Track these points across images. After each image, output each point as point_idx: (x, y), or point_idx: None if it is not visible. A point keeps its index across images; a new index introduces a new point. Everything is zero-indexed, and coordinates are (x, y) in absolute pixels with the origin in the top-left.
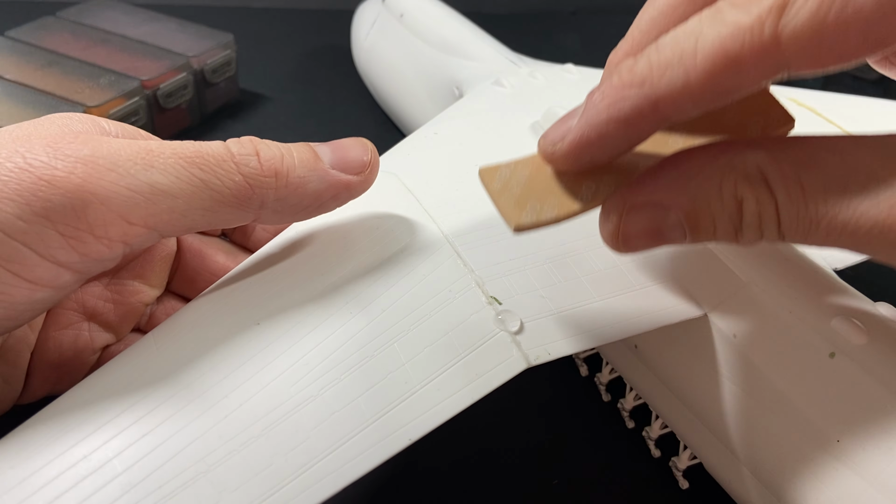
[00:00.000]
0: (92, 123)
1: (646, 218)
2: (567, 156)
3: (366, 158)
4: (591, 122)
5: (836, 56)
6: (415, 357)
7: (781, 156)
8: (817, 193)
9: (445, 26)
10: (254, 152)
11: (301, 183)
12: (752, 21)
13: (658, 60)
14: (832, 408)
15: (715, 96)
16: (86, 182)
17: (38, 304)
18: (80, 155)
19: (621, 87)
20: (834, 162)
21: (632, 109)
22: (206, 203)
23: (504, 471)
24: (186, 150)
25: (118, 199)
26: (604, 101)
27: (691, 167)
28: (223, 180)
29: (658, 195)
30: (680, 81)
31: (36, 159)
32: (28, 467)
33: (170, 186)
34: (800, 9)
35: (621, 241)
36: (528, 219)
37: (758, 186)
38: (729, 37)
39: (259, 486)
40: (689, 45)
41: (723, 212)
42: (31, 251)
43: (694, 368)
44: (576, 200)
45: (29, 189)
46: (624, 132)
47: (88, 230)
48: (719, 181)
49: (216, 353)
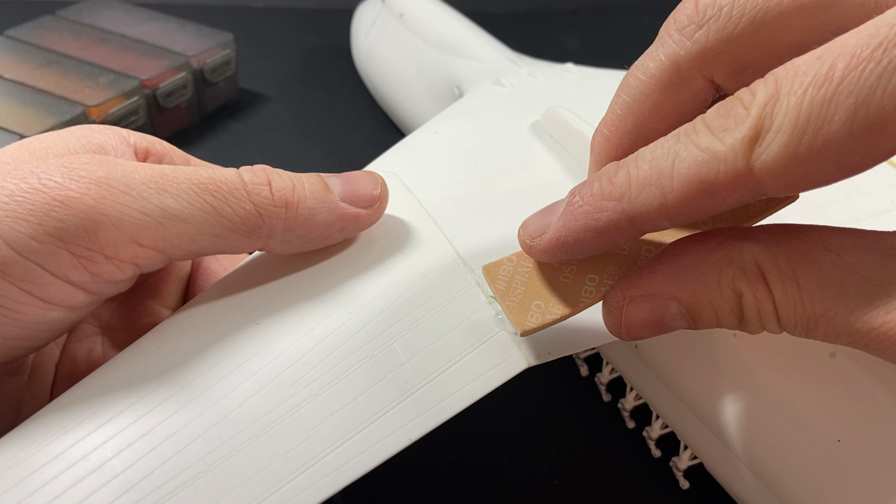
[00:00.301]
0: (113, 135)
1: (647, 310)
2: (544, 253)
3: (375, 192)
4: (569, 227)
5: (811, 183)
6: (415, 357)
7: (778, 250)
8: (813, 292)
9: (445, 26)
10: (266, 182)
11: (310, 214)
12: (725, 151)
13: (637, 177)
14: (833, 408)
15: (691, 216)
16: (99, 203)
17: (53, 325)
18: (95, 176)
19: (601, 198)
20: (830, 261)
21: (608, 222)
22: (216, 230)
23: (504, 470)
24: (200, 176)
25: (130, 222)
26: (582, 208)
27: (689, 260)
28: (234, 208)
29: (657, 287)
30: (657, 202)
31: (50, 179)
32: (27, 466)
33: (181, 211)
34: (771, 141)
35: (625, 332)
36: (533, 322)
37: (755, 282)
38: (704, 164)
39: (259, 486)
40: (666, 167)
41: (724, 305)
42: (43, 270)
43: (695, 368)
44: (579, 298)
45: (42, 209)
46: (599, 240)
47: (100, 250)
48: (717, 275)
49: (216, 353)
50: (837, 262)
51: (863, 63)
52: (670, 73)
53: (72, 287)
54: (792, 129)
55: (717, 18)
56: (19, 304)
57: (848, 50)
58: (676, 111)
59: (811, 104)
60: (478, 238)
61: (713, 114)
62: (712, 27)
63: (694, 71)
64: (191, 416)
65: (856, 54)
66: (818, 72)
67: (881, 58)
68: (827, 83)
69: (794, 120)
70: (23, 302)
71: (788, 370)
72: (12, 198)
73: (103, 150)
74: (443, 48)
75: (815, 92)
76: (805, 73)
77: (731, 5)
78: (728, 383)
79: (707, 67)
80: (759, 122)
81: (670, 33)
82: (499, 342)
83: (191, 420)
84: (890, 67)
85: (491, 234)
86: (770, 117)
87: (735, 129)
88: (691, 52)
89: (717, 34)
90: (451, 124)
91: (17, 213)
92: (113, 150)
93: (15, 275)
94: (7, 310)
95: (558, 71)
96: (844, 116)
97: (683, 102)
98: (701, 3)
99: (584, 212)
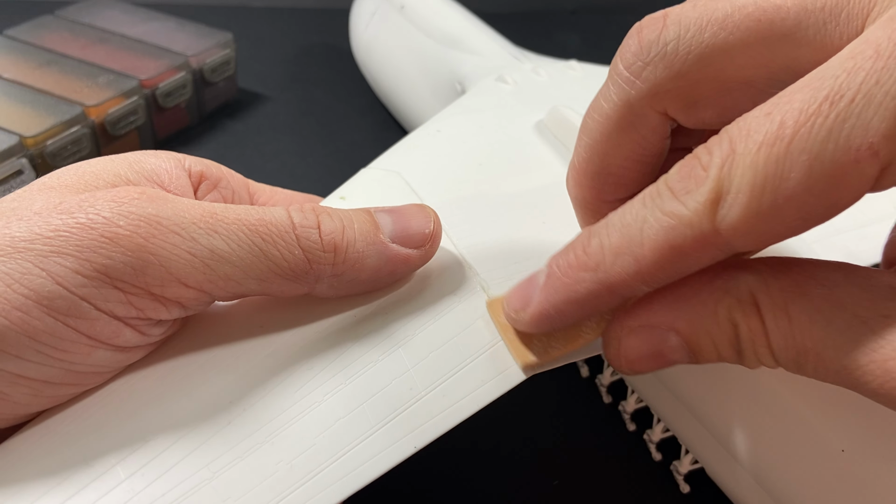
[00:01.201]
0: (167, 159)
1: (644, 341)
2: (529, 325)
3: (428, 231)
4: (551, 300)
5: (779, 237)
6: (419, 363)
7: (773, 282)
8: (804, 325)
9: (447, 19)
10: (315, 224)
11: (359, 258)
12: (690, 215)
13: (609, 245)
14: (837, 417)
15: (668, 279)
16: (148, 242)
17: (97, 367)
18: (145, 213)
19: (577, 269)
20: (821, 295)
21: (587, 293)
22: (263, 273)
23: (504, 471)
24: (250, 217)
25: (178, 262)
26: (561, 280)
27: (687, 290)
28: (283, 252)
29: (655, 318)
30: (632, 269)
31: (98, 215)
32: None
33: (229, 254)
34: (733, 202)
35: (625, 365)
36: (536, 357)
37: (749, 312)
38: (671, 229)
39: (263, 494)
40: (636, 234)
41: (721, 336)
42: (89, 305)
43: (697, 373)
44: (580, 332)
45: (90, 246)
46: (582, 310)
47: (146, 287)
48: (714, 305)
49: (220, 360)
50: (828, 296)
51: (811, 118)
52: (624, 113)
53: (118, 323)
54: (751, 190)
55: (662, 56)
56: (64, 342)
57: (796, 106)
58: (638, 146)
59: (766, 163)
60: (482, 241)
61: (675, 175)
62: (658, 65)
63: (647, 108)
64: (195, 422)
65: (803, 110)
66: (769, 130)
67: (829, 111)
68: (779, 141)
69: (752, 180)
70: (68, 339)
71: (792, 378)
72: (58, 233)
73: (157, 175)
74: (445, 42)
75: (769, 151)
76: (756, 132)
77: (677, 42)
78: (731, 390)
79: (659, 103)
80: (718, 184)
81: (619, 72)
82: (504, 348)
83: (195, 427)
84: (839, 120)
85: (496, 237)
86: (728, 178)
87: (696, 191)
88: (641, 90)
89: (665, 71)
90: (454, 122)
91: (64, 249)
92: (167, 174)
93: (60, 310)
94: (52, 348)
95: (561, 68)
96: (801, 173)
97: (643, 137)
98: (645, 39)
99: (564, 284)
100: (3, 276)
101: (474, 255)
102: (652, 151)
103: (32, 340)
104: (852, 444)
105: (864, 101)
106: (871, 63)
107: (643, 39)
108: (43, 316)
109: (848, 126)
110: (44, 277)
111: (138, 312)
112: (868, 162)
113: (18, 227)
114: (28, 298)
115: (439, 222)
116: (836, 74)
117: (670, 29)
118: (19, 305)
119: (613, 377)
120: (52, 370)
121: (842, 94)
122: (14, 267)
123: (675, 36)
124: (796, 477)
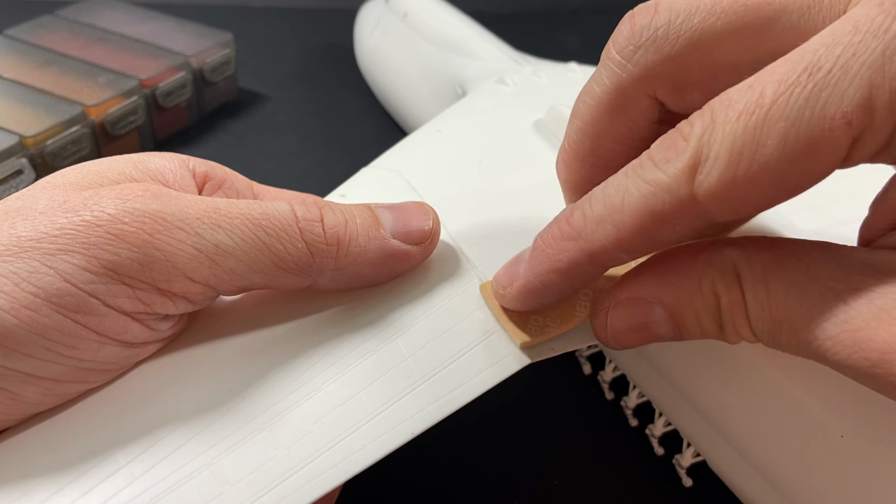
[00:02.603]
0: (171, 159)
1: (631, 313)
2: (515, 300)
3: (427, 227)
4: (535, 271)
5: (754, 206)
6: (417, 352)
7: (755, 256)
8: (779, 296)
9: (449, 25)
10: (318, 218)
11: (361, 252)
12: (669, 181)
13: (591, 215)
14: (835, 403)
15: (647, 247)
16: (153, 239)
17: (105, 365)
18: (149, 209)
19: (560, 239)
20: (797, 269)
21: (570, 262)
22: (267, 267)
23: (504, 469)
24: (253, 211)
25: (184, 258)
26: (545, 252)
27: (674, 264)
28: (286, 246)
29: (642, 291)
30: (613, 237)
31: (103, 212)
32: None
33: (234, 248)
34: (711, 168)
35: (611, 336)
36: (532, 337)
37: (731, 284)
38: (650, 195)
39: (262, 479)
40: (617, 202)
41: (705, 309)
42: (97, 301)
43: (697, 365)
44: (574, 312)
45: (96, 242)
46: (566, 280)
47: (152, 282)
48: (699, 278)
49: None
50: (805, 270)
51: (790, 88)
52: (615, 96)
53: (126, 318)
54: (728, 156)
55: (653, 40)
56: (73, 339)
57: (776, 77)
58: (627, 130)
59: (745, 130)
60: (480, 235)
61: (656, 147)
62: (650, 48)
63: (637, 91)
64: (195, 409)
65: (783, 80)
66: (749, 99)
67: (806, 82)
68: (758, 109)
69: (731, 147)
70: (77, 336)
71: (790, 366)
72: (64, 231)
73: (161, 174)
74: (446, 48)
75: (748, 119)
76: (737, 102)
77: (667, 26)
78: (730, 380)
79: (649, 87)
80: (697, 152)
81: (611, 56)
82: (501, 338)
83: (195, 413)
84: (815, 90)
85: (493, 231)
86: (708, 146)
87: (676, 159)
88: (633, 73)
89: (655, 55)
90: (454, 122)
91: (70, 246)
92: (171, 173)
93: (69, 307)
94: (61, 346)
95: (561, 70)
96: (777, 140)
97: (632, 120)
98: (637, 24)
99: (547, 255)
100: (11, 276)
101: (472, 248)
102: (640, 135)
103: (42, 338)
104: (851, 430)
105: (840, 71)
106: (850, 38)
107: (635, 25)
108: (52, 313)
109: (825, 95)
110: (52, 275)
111: (145, 308)
112: (842, 130)
113: (24, 227)
114: (37, 297)
115: (438, 220)
116: (816, 49)
117: (661, 15)
118: (28, 304)
119: (615, 373)
120: (61, 368)
121: (819, 66)
122: (22, 266)
123: (666, 21)
124: (796, 464)
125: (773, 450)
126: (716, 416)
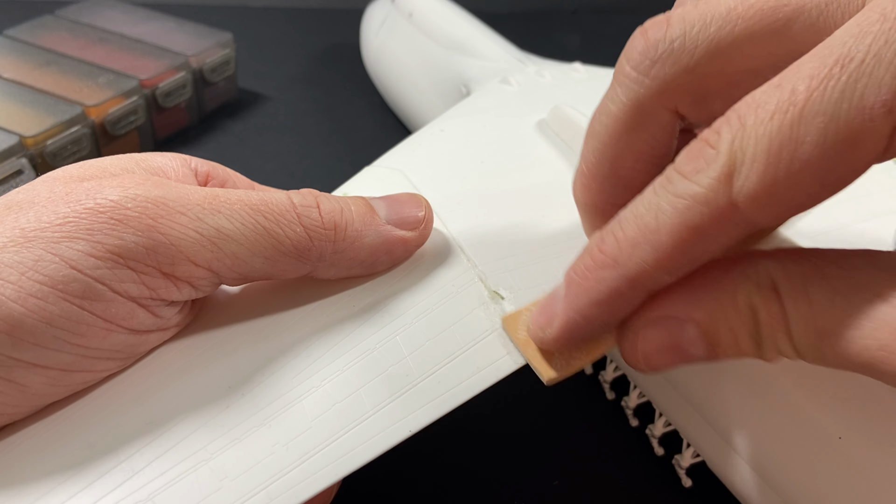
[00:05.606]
0: (173, 158)
1: (662, 333)
2: (558, 340)
3: (420, 214)
4: (575, 306)
5: (798, 206)
6: (416, 350)
7: (792, 266)
8: (823, 307)
9: (454, 25)
10: (314, 204)
11: (358, 237)
12: (704, 192)
13: (625, 238)
14: (834, 405)
15: (689, 264)
16: (157, 223)
17: (112, 353)
18: (151, 195)
19: (595, 269)
20: (840, 277)
21: (610, 292)
22: (268, 252)
23: (504, 469)
24: (251, 198)
25: (187, 241)
26: (581, 285)
27: (705, 280)
28: (285, 230)
29: (673, 309)
30: (651, 258)
31: (106, 199)
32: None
33: (234, 232)
34: (749, 172)
35: (641, 359)
36: (559, 371)
37: (769, 297)
38: (686, 210)
39: (260, 474)
40: (651, 222)
41: (741, 324)
42: (104, 287)
43: (697, 367)
44: (600, 340)
45: (100, 228)
46: (609, 311)
47: (157, 267)
48: (734, 292)
49: (220, 347)
50: (848, 278)
51: (823, 82)
52: (634, 113)
53: (132, 304)
54: (766, 157)
55: (669, 52)
56: (81, 327)
57: (805, 72)
58: (648, 147)
59: (780, 129)
60: (481, 234)
61: (683, 160)
62: (667, 61)
63: (656, 106)
64: (195, 405)
65: (814, 75)
66: (780, 98)
67: (840, 74)
68: (792, 107)
69: (767, 147)
70: (84, 323)
71: (790, 367)
72: (67, 220)
73: (163, 171)
74: (451, 47)
75: (783, 117)
76: (767, 102)
77: (683, 37)
78: (730, 381)
79: (669, 100)
80: (731, 158)
81: (626, 73)
82: (500, 337)
83: (194, 409)
84: (851, 81)
85: (494, 231)
86: (741, 150)
87: (708, 168)
88: (651, 88)
89: (673, 67)
90: (457, 122)
91: (75, 234)
92: (173, 171)
93: (76, 293)
94: (69, 333)
95: (565, 70)
96: (816, 136)
97: (653, 136)
98: (651, 38)
99: (584, 288)
100: (16, 265)
101: (473, 247)
102: (661, 151)
103: (50, 327)
104: (849, 431)
105: (874, 61)
106: (878, 26)
107: (649, 39)
108: (59, 301)
109: (861, 86)
110: (57, 262)
111: (151, 292)
112: (882, 120)
113: (27, 219)
114: (43, 285)
115: (430, 208)
116: (844, 41)
117: (675, 27)
118: (35, 292)
119: (616, 374)
120: (69, 357)
121: (851, 57)
122: (27, 255)
123: (681, 33)
124: (794, 465)
125: (770, 450)
126: (715, 417)
